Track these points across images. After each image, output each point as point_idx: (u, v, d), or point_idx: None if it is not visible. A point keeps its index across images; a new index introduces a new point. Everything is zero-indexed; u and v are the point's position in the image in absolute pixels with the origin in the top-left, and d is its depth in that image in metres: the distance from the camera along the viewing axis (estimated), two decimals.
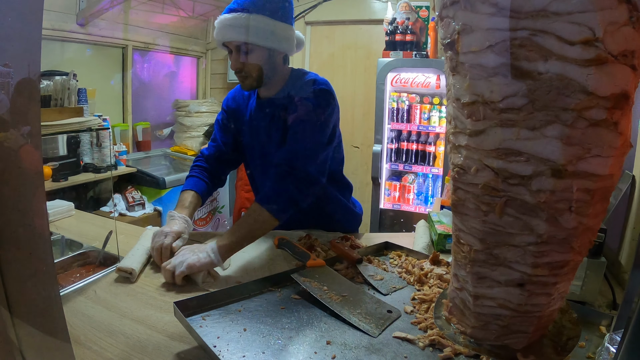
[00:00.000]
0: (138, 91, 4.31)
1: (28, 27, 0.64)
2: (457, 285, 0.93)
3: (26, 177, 0.65)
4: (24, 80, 0.63)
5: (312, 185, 1.54)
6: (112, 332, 1.04)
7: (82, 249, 1.53)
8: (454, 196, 0.85)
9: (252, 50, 1.53)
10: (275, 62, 1.60)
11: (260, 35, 1.51)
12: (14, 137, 0.63)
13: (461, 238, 0.86)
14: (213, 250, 1.35)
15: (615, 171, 0.71)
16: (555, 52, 0.63)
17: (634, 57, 0.63)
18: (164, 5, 4.24)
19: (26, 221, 0.66)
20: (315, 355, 0.91)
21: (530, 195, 0.72)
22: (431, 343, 0.96)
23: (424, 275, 1.29)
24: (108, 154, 3.43)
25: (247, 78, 1.57)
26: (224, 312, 1.08)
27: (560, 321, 0.94)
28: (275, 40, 1.53)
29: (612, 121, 0.66)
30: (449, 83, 0.81)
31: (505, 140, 0.71)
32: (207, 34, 4.90)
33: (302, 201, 1.53)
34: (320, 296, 1.13)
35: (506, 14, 0.65)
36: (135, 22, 4.09)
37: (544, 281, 0.78)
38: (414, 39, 3.75)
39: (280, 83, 1.65)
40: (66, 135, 3.03)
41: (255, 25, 1.49)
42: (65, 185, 3.06)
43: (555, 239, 0.73)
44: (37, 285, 0.68)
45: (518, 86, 0.67)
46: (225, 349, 0.92)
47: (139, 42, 4.20)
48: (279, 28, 1.53)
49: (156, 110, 4.63)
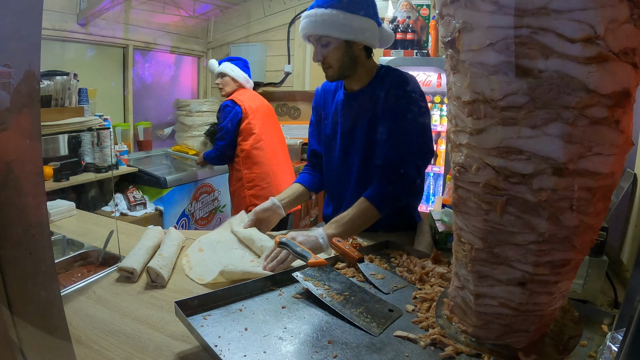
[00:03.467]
0: (139, 91, 4.31)
1: (28, 26, 0.64)
2: (459, 284, 0.92)
3: (27, 177, 0.65)
4: (25, 80, 0.63)
5: (415, 188, 1.71)
6: (113, 332, 1.04)
7: (83, 249, 1.53)
8: (455, 195, 0.85)
9: (330, 43, 1.65)
10: (355, 54, 1.68)
11: (336, 28, 1.62)
12: (14, 137, 0.63)
13: (462, 237, 0.86)
14: (322, 237, 1.48)
15: (617, 169, 0.70)
16: (556, 49, 0.63)
17: (635, 54, 0.63)
18: (165, 5, 4.24)
19: (26, 221, 0.66)
20: (316, 355, 0.91)
21: (531, 194, 0.71)
22: (432, 342, 0.96)
23: (425, 274, 1.29)
24: (109, 154, 3.43)
25: (328, 69, 1.70)
26: (225, 312, 1.07)
27: (562, 320, 0.94)
28: (351, 32, 1.63)
29: (614, 119, 0.65)
30: (450, 81, 0.80)
31: (506, 139, 0.71)
32: (207, 33, 4.91)
33: (404, 202, 1.72)
34: (321, 295, 1.13)
35: (507, 12, 0.65)
36: (136, 21, 4.09)
37: (545, 280, 0.78)
38: (414, 37, 3.75)
39: (367, 77, 1.74)
40: (67, 135, 3.03)
41: (331, 19, 1.61)
42: (66, 185, 3.07)
43: (556, 237, 0.73)
44: (37, 285, 0.68)
45: (519, 84, 0.67)
46: (227, 349, 0.92)
47: (140, 42, 4.20)
48: (355, 21, 1.62)
49: (157, 110, 4.64)
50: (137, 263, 1.34)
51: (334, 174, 1.89)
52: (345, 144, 1.79)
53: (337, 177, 1.87)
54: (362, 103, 1.73)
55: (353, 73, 1.71)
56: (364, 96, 1.73)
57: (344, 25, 1.61)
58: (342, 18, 1.60)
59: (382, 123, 1.67)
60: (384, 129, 1.66)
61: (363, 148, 1.74)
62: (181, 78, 4.96)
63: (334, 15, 1.60)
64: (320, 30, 1.62)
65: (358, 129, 1.74)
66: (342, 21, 1.60)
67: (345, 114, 1.78)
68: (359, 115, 1.73)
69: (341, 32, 1.62)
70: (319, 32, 1.63)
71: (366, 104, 1.71)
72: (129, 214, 3.53)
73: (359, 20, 1.63)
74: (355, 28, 1.62)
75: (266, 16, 4.66)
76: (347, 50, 1.66)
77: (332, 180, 1.92)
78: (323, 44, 1.65)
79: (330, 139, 1.86)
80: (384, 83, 1.69)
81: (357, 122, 1.74)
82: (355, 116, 1.75)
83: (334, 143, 1.84)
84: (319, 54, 1.67)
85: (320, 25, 1.61)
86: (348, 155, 1.80)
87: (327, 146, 1.89)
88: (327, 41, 1.64)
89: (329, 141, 1.87)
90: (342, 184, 1.85)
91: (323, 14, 1.60)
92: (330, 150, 1.87)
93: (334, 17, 1.60)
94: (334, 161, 1.86)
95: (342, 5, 1.60)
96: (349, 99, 1.78)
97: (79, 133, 3.07)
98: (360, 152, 1.75)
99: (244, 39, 4.78)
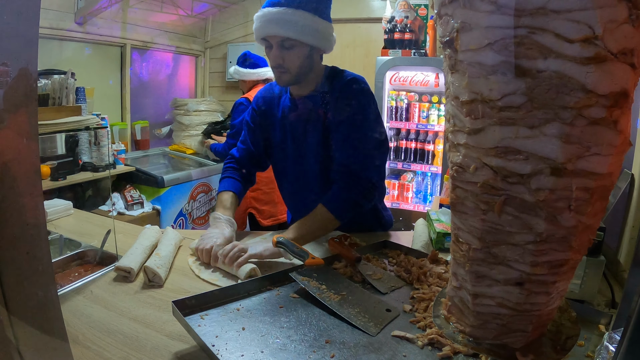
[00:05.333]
0: (136, 90, 4.31)
1: (25, 25, 0.63)
2: (456, 284, 0.92)
3: (24, 176, 0.65)
4: (21, 79, 0.63)
5: (375, 190, 1.63)
6: (110, 332, 1.04)
7: (80, 248, 1.53)
8: (453, 195, 0.85)
9: (294, 46, 1.53)
10: (314, 60, 1.61)
11: (305, 32, 1.51)
12: (11, 136, 0.63)
13: (460, 237, 0.86)
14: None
15: (615, 170, 0.70)
16: (554, 50, 0.63)
17: (634, 55, 0.63)
18: (163, 4, 4.24)
19: (23, 220, 0.65)
20: (314, 354, 0.91)
21: (529, 194, 0.71)
22: (430, 342, 0.96)
23: (422, 274, 1.29)
24: (106, 153, 3.43)
25: (284, 73, 1.57)
26: (223, 311, 1.07)
27: (560, 320, 0.94)
28: (318, 38, 1.54)
29: (612, 119, 0.65)
30: (448, 81, 0.80)
31: (504, 139, 0.71)
32: (205, 32, 4.91)
33: (365, 205, 1.62)
34: (319, 295, 1.13)
35: (505, 12, 0.65)
36: (133, 20, 4.09)
37: (543, 280, 0.78)
38: (412, 37, 3.76)
39: (316, 80, 1.66)
40: (64, 134, 3.03)
41: (300, 22, 1.49)
42: (63, 184, 3.06)
43: (554, 237, 0.73)
44: (34, 284, 0.67)
45: (517, 84, 0.67)
46: (224, 348, 0.92)
47: (138, 41, 4.19)
48: (321, 25, 1.54)
49: (155, 109, 4.64)
50: (135, 262, 1.34)
51: (289, 181, 1.83)
52: (300, 151, 1.71)
53: (293, 184, 1.82)
54: (312, 108, 1.65)
55: (305, 77, 1.61)
56: (314, 100, 1.65)
57: (314, 30, 1.52)
58: (312, 21, 1.51)
59: (335, 128, 1.61)
60: (337, 134, 1.61)
61: (318, 153, 1.67)
62: (179, 77, 4.95)
63: (304, 18, 1.50)
64: (286, 31, 1.49)
65: (311, 134, 1.66)
66: (311, 25, 1.51)
67: (296, 119, 1.69)
68: (310, 120, 1.66)
69: (309, 37, 1.52)
70: (285, 33, 1.50)
71: (317, 108, 1.64)
72: (126, 213, 3.52)
73: (325, 25, 1.55)
74: (322, 33, 1.55)
75: None
76: (309, 55, 1.57)
77: (288, 188, 1.87)
78: (286, 46, 1.53)
79: (281, 146, 1.76)
80: (333, 86, 1.62)
81: (309, 127, 1.66)
82: (306, 121, 1.67)
83: (286, 150, 1.75)
84: (279, 57, 1.54)
85: (287, 26, 1.49)
86: (303, 161, 1.72)
87: (278, 153, 1.80)
88: (291, 44, 1.52)
89: (280, 148, 1.77)
90: (300, 191, 1.81)
91: (292, 14, 1.48)
92: (282, 157, 1.79)
93: (304, 20, 1.50)
94: (288, 168, 1.79)
95: (311, 8, 1.51)
96: (297, 104, 1.69)
97: (76, 132, 3.07)
98: (315, 157, 1.68)
99: (242, 38, 4.78)
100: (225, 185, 1.79)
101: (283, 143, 1.75)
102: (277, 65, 1.56)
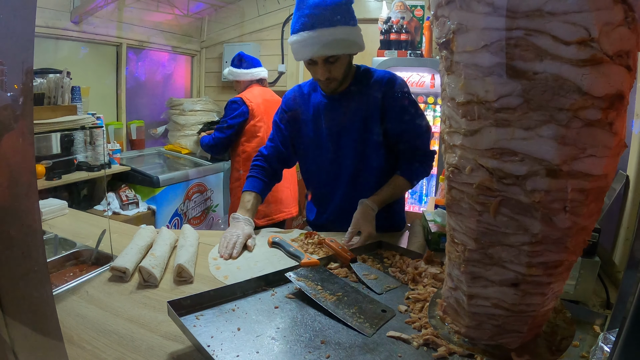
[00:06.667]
0: (132, 89, 4.29)
1: (21, 24, 0.63)
2: (452, 284, 0.93)
3: (19, 176, 0.65)
4: (17, 78, 0.62)
5: (432, 162, 1.84)
6: (105, 332, 1.03)
7: (75, 248, 1.52)
8: (449, 196, 0.85)
9: (339, 59, 1.64)
10: (350, 62, 1.72)
11: (346, 45, 1.62)
12: (6, 135, 0.62)
13: (455, 237, 0.86)
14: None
15: (610, 171, 0.71)
16: (550, 52, 0.63)
17: (629, 57, 0.64)
18: (159, 4, 4.22)
19: (18, 220, 0.65)
20: (309, 355, 0.91)
21: (524, 195, 0.72)
22: (425, 342, 0.96)
23: (418, 275, 1.29)
24: (102, 153, 3.41)
25: (332, 82, 1.68)
26: (218, 312, 1.07)
27: (555, 320, 0.95)
28: (355, 44, 1.64)
29: (607, 121, 0.66)
30: (444, 82, 0.81)
31: (500, 140, 0.71)
32: (201, 32, 4.90)
33: (429, 173, 1.88)
34: (314, 295, 1.13)
35: (501, 14, 0.65)
36: (129, 20, 4.07)
37: (538, 281, 0.78)
38: (408, 38, 3.76)
39: (349, 78, 1.74)
40: (60, 134, 3.01)
41: (339, 37, 1.59)
42: (58, 184, 3.04)
43: (549, 238, 0.74)
44: (29, 284, 0.67)
45: (513, 86, 0.67)
46: (219, 349, 0.92)
47: (133, 40, 4.18)
48: (355, 32, 1.64)
49: (150, 109, 4.62)
50: (130, 262, 1.33)
51: (321, 177, 1.88)
52: (336, 147, 1.78)
53: (326, 180, 1.86)
54: (349, 104, 1.73)
55: (346, 78, 1.72)
56: (351, 97, 1.73)
57: (352, 40, 1.62)
58: (349, 33, 1.60)
59: (391, 119, 1.70)
60: (400, 123, 1.71)
61: (356, 149, 1.74)
62: (175, 77, 4.93)
63: (343, 32, 1.59)
64: (332, 51, 1.59)
65: (350, 130, 1.74)
66: (349, 37, 1.61)
67: (331, 117, 1.77)
68: (348, 116, 1.73)
69: (349, 48, 1.63)
70: (331, 52, 1.59)
71: (355, 105, 1.72)
72: (121, 213, 3.50)
73: (357, 30, 1.64)
74: (357, 39, 1.64)
75: (260, 15, 4.65)
76: (349, 60, 1.69)
77: (319, 184, 1.91)
78: (331, 61, 1.62)
79: (315, 143, 1.83)
80: (371, 83, 1.71)
81: (347, 123, 1.74)
82: (343, 118, 1.74)
83: (321, 147, 1.82)
84: (326, 71, 1.64)
85: (331, 45, 1.58)
86: (339, 158, 1.79)
87: (311, 150, 1.86)
88: (336, 58, 1.62)
89: (314, 145, 1.84)
90: (332, 187, 1.85)
91: (332, 34, 1.57)
92: (316, 154, 1.85)
93: (343, 34, 1.59)
94: (323, 164, 1.84)
95: (344, 20, 1.59)
96: (333, 101, 1.76)
97: (72, 131, 3.05)
98: (353, 153, 1.75)
99: (238, 38, 4.77)
100: (250, 184, 1.87)
101: (317, 139, 1.82)
102: (325, 78, 1.66)
